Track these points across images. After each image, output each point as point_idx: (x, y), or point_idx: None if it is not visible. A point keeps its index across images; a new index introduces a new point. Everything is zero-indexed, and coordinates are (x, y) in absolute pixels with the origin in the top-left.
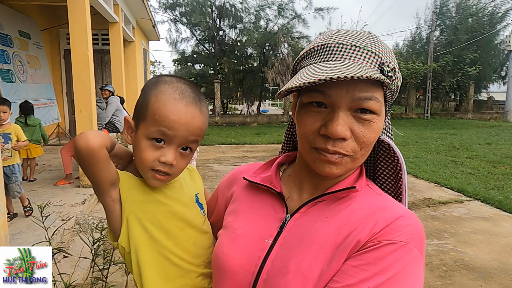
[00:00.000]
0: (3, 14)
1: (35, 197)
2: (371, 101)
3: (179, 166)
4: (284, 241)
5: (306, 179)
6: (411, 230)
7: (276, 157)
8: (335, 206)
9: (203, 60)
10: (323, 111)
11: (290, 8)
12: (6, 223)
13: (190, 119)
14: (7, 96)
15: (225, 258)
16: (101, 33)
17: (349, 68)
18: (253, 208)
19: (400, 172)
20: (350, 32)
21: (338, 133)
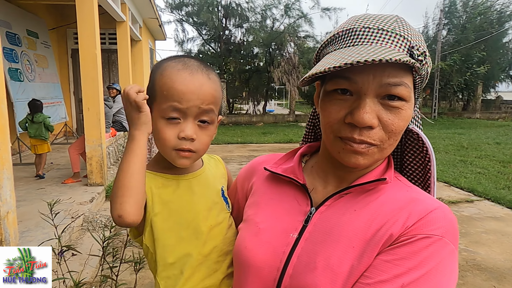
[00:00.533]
0: (12, 14)
1: (43, 195)
2: (400, 86)
3: (201, 141)
4: (310, 235)
5: (331, 171)
6: (446, 223)
7: (298, 148)
8: (362, 198)
9: (209, 59)
10: (349, 99)
11: (297, 7)
12: (16, 221)
13: (199, 86)
14: (16, 95)
15: (248, 253)
16: (108, 32)
17: (377, 52)
18: (275, 200)
19: (429, 164)
20: (376, 15)
21: (365, 121)
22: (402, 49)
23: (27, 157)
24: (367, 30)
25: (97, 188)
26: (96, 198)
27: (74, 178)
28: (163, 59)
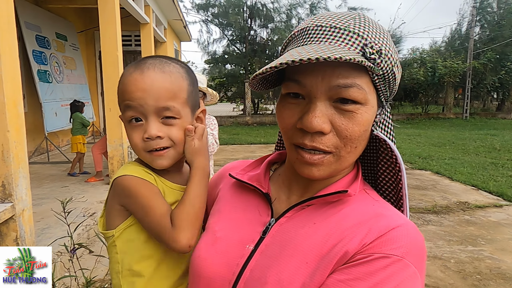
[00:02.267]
0: (42, 17)
1: (66, 193)
2: (351, 88)
3: (172, 136)
4: (266, 248)
5: (295, 179)
6: (408, 242)
7: (268, 155)
8: (324, 211)
9: (234, 60)
10: (301, 103)
11: (323, 6)
12: (32, 219)
13: (150, 83)
14: (44, 96)
15: (201, 263)
16: (134, 34)
17: (318, 50)
18: (237, 209)
19: (399, 174)
20: (334, 14)
21: (313, 126)
22: (354, 48)
23: (54, 156)
24: (319, 29)
25: None
26: None
27: (96, 177)
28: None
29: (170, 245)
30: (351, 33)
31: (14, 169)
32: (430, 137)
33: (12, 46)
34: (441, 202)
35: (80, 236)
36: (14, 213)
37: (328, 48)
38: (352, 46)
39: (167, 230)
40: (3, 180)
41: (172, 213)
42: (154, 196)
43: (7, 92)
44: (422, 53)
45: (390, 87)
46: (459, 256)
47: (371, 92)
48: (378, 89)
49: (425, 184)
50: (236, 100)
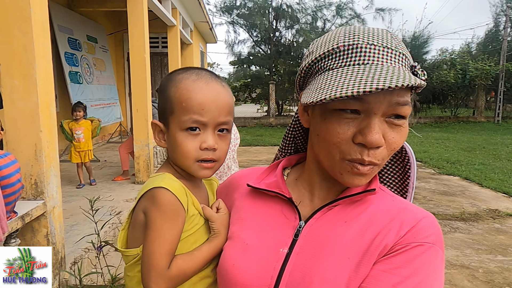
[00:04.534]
0: (74, 20)
1: (94, 191)
2: (406, 106)
3: (222, 150)
4: (302, 250)
5: (317, 183)
6: (435, 231)
7: (278, 161)
8: (351, 210)
9: (259, 61)
10: (357, 118)
11: (349, 7)
12: (62, 215)
13: (216, 94)
14: (75, 96)
15: (236, 271)
16: (161, 36)
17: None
18: (260, 216)
19: (409, 171)
20: (371, 30)
21: (377, 142)
22: (407, 68)
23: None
24: (372, 47)
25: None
26: None
27: (123, 176)
28: (172, 72)
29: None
30: (401, 54)
31: (46, 167)
32: (460, 141)
33: (46, 49)
34: (470, 209)
35: (106, 233)
36: (45, 210)
37: (393, 71)
38: (405, 67)
39: (161, 267)
40: (36, 178)
41: (177, 261)
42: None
43: (40, 93)
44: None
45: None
46: (488, 266)
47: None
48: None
49: (453, 190)
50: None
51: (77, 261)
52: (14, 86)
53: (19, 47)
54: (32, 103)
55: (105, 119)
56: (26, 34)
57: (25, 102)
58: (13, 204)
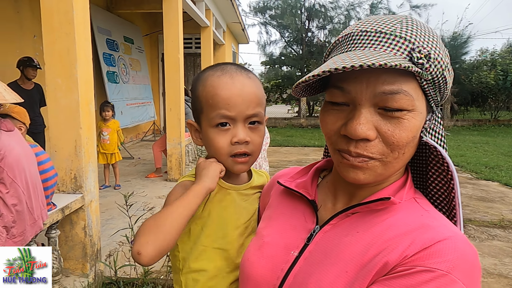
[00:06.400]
0: (112, 22)
1: (128, 187)
2: (397, 95)
3: (255, 142)
4: (310, 255)
5: (341, 187)
6: (455, 256)
7: (316, 162)
8: (369, 220)
9: (290, 62)
10: (345, 109)
11: (384, 6)
12: (98, 209)
13: (241, 87)
14: (112, 95)
15: (249, 266)
16: (194, 37)
17: (362, 57)
18: (285, 215)
19: (451, 182)
20: (381, 18)
21: (358, 133)
22: (400, 53)
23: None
24: (363, 34)
25: (175, 184)
26: None
27: (156, 173)
28: (201, 71)
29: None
30: (398, 37)
31: (85, 163)
32: (500, 145)
33: (87, 50)
34: (509, 216)
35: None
36: (84, 203)
37: (373, 54)
38: (398, 51)
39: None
40: (75, 173)
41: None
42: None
43: (81, 92)
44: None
45: (440, 92)
46: None
47: (419, 97)
48: (427, 94)
49: (492, 196)
50: (291, 102)
51: (111, 253)
52: (57, 85)
53: (63, 48)
54: (73, 101)
55: (139, 117)
56: (69, 36)
57: (67, 100)
58: (50, 197)
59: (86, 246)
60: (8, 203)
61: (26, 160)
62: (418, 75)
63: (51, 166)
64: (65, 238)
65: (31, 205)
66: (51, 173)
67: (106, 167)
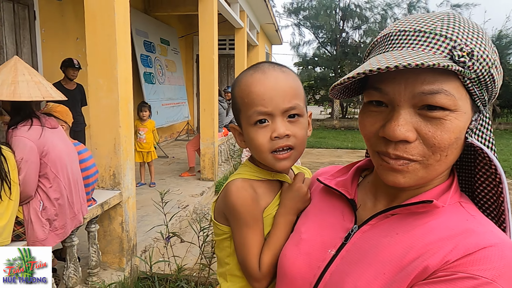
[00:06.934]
0: (149, 24)
1: (162, 185)
2: (438, 95)
3: (296, 135)
4: (347, 254)
5: (382, 187)
6: (501, 264)
7: (357, 161)
8: (409, 222)
9: (324, 62)
10: (384, 111)
11: (422, 5)
12: (135, 206)
13: (274, 81)
14: (148, 96)
15: (286, 262)
16: (228, 38)
17: (399, 57)
18: (323, 212)
19: (500, 186)
20: (420, 16)
21: (396, 135)
22: (440, 51)
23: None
24: (401, 34)
25: (208, 183)
26: (206, 192)
27: (189, 172)
28: (239, 74)
29: (251, 283)
30: (438, 35)
31: (123, 160)
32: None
33: (127, 51)
34: None
35: (173, 225)
36: (121, 199)
37: (410, 54)
38: (438, 50)
39: (254, 272)
40: (114, 170)
41: (263, 259)
42: (254, 228)
43: (121, 92)
44: None
45: (488, 91)
46: None
47: (463, 97)
48: (472, 94)
49: None
50: (324, 103)
51: (146, 249)
52: (99, 85)
53: (104, 49)
54: (114, 101)
55: (174, 117)
56: (110, 38)
57: (108, 100)
58: (91, 193)
59: (123, 241)
60: (51, 197)
61: (68, 157)
62: (460, 74)
63: (93, 163)
64: (104, 233)
65: (72, 199)
66: (92, 170)
67: (142, 165)
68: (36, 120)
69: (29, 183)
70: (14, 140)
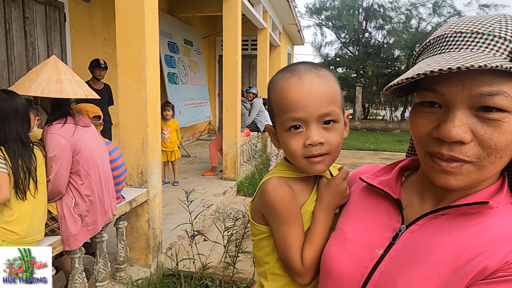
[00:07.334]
0: (173, 25)
1: (185, 184)
2: (496, 96)
3: (331, 142)
4: (396, 254)
5: (430, 188)
6: None
7: (400, 160)
8: (461, 222)
9: (346, 63)
10: (437, 111)
11: (448, 5)
12: (161, 204)
13: (310, 87)
14: (171, 96)
15: (332, 261)
16: (250, 39)
17: (459, 59)
18: (366, 212)
19: None
20: (476, 18)
21: (452, 136)
22: (500, 53)
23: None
24: (458, 35)
25: (230, 183)
26: (228, 191)
27: (211, 171)
28: (275, 74)
29: (295, 279)
30: (496, 37)
31: (151, 159)
32: None
33: (155, 52)
34: None
35: (196, 224)
36: (148, 197)
37: (470, 55)
38: (497, 52)
39: (297, 267)
40: (142, 168)
41: (305, 253)
42: (293, 224)
43: (149, 92)
44: None
45: None
46: None
47: None
48: None
49: None
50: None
51: (171, 247)
52: (128, 85)
53: (134, 50)
54: (142, 100)
55: (196, 117)
56: (140, 39)
57: (137, 100)
58: (121, 191)
59: (149, 238)
60: (82, 194)
61: (100, 155)
62: None
63: (122, 162)
64: (131, 230)
65: (103, 196)
66: (122, 169)
67: (166, 164)
68: (71, 118)
69: (60, 180)
70: (48, 137)
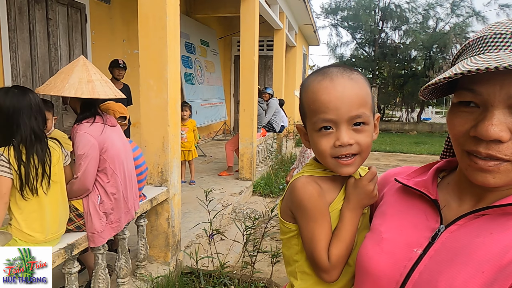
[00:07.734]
0: (190, 26)
1: (202, 184)
2: None
3: (361, 143)
4: (436, 254)
5: (468, 188)
6: None
7: (435, 162)
8: (503, 222)
9: (361, 64)
10: (475, 111)
11: (467, 5)
12: (180, 202)
13: (341, 89)
14: (188, 96)
15: (368, 261)
16: (266, 39)
17: (498, 59)
18: (402, 212)
19: None
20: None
21: (490, 134)
22: None
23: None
24: (498, 37)
25: (246, 183)
26: (244, 191)
27: (227, 171)
28: (307, 76)
29: (321, 276)
30: None
31: (171, 158)
32: None
33: (176, 53)
34: None
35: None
36: (168, 196)
37: (509, 56)
38: None
39: (324, 263)
40: (162, 168)
41: (331, 250)
42: (321, 222)
43: (170, 92)
44: None
45: None
46: None
47: None
48: None
49: None
50: None
51: (189, 245)
52: (150, 86)
53: (156, 51)
54: (163, 100)
55: (212, 117)
56: (162, 40)
57: (158, 100)
58: (142, 190)
59: (169, 236)
60: (108, 192)
61: (125, 154)
62: None
63: (143, 161)
64: (151, 228)
65: (127, 195)
66: (143, 167)
67: (183, 163)
68: (99, 118)
69: (88, 177)
70: (77, 136)
